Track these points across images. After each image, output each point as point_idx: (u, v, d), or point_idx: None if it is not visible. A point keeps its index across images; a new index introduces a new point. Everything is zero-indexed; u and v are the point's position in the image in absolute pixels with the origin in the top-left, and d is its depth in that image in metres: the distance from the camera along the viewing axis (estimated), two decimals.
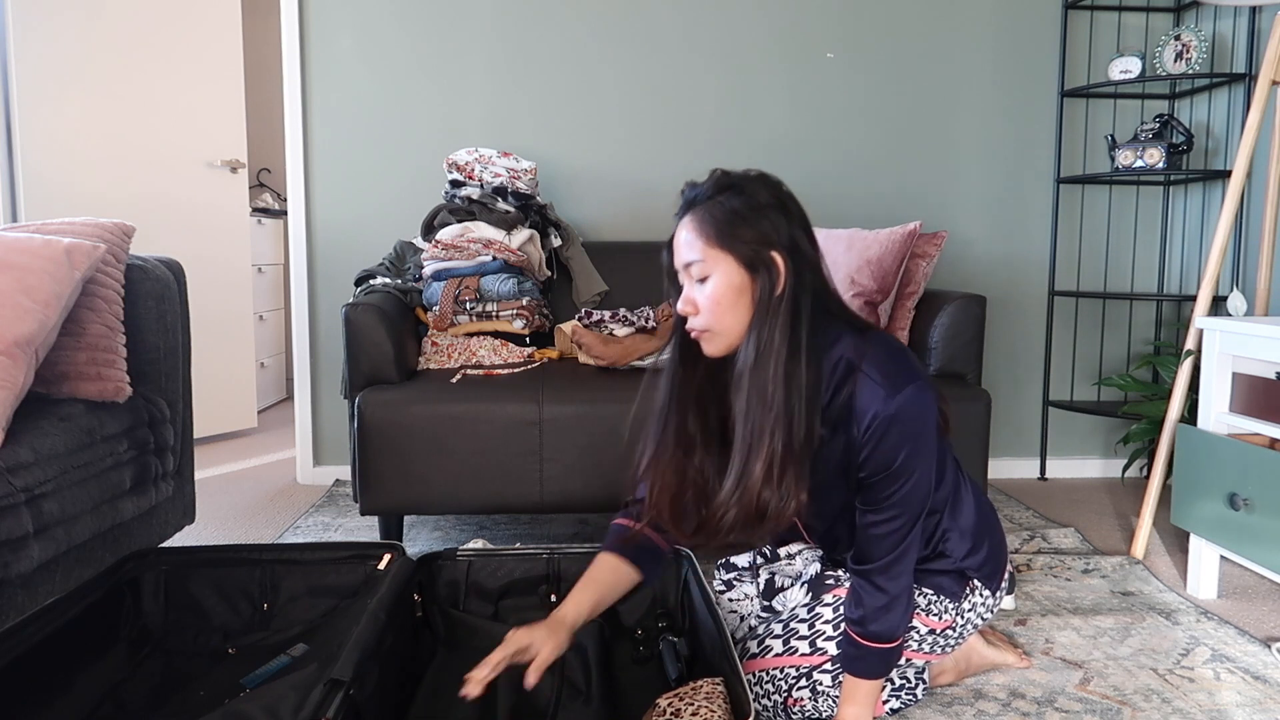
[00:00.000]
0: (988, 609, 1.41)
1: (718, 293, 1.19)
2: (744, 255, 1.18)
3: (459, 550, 1.58)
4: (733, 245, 1.18)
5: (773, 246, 1.19)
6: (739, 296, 1.19)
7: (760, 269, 1.18)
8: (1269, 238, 2.26)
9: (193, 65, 3.32)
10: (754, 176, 1.23)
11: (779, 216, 1.20)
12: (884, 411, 1.16)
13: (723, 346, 1.23)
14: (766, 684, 1.33)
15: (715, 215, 1.19)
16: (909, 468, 1.19)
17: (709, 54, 2.83)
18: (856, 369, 1.19)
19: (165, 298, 1.83)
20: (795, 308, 1.19)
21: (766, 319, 1.18)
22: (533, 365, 2.26)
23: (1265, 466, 1.67)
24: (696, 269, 1.20)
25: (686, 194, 1.24)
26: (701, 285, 1.21)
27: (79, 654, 1.30)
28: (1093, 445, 3.04)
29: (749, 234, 1.18)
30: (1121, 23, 2.89)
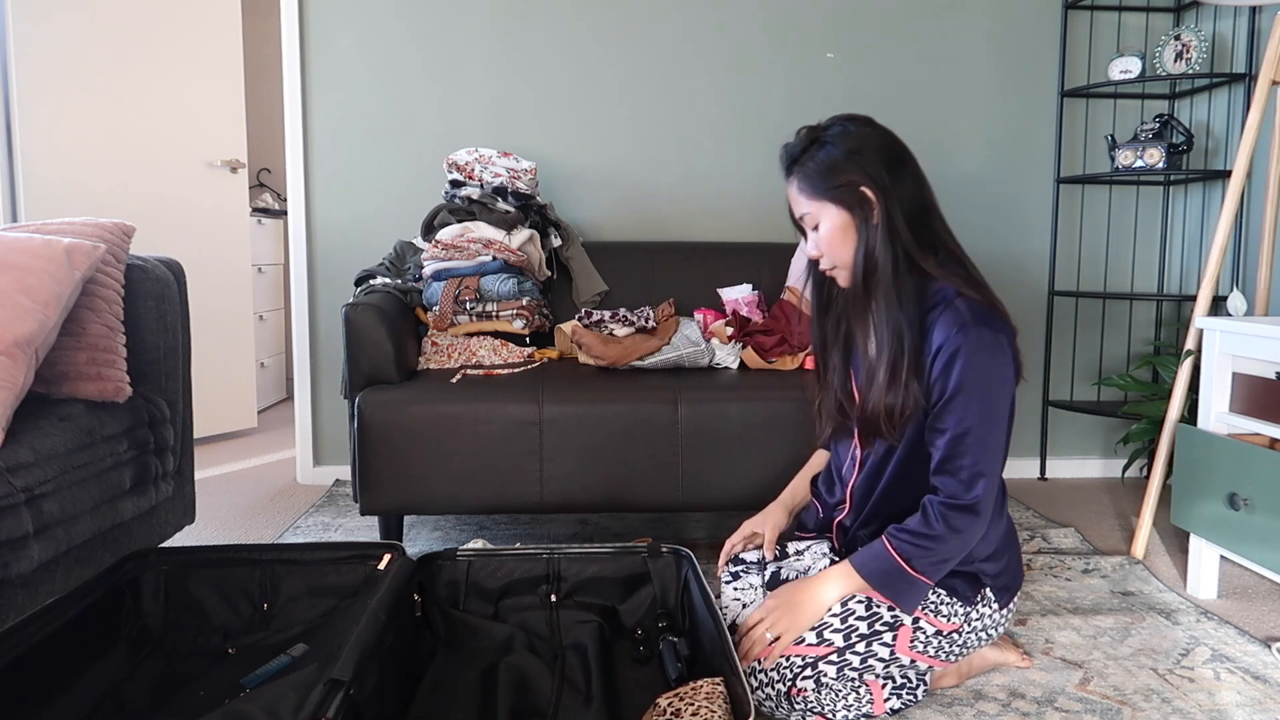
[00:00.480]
0: (995, 626, 1.43)
1: (828, 234, 1.37)
2: (839, 198, 1.35)
3: (459, 550, 1.58)
4: (827, 192, 1.35)
5: (861, 184, 1.33)
6: (846, 233, 1.36)
7: (854, 205, 1.34)
8: (1269, 238, 2.26)
9: (193, 65, 3.32)
10: (834, 123, 1.38)
11: (860, 156, 1.34)
12: (951, 341, 1.29)
13: (846, 279, 1.40)
14: (771, 673, 1.33)
15: (808, 171, 1.36)
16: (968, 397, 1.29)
17: (709, 54, 2.83)
18: (949, 301, 1.32)
19: (165, 298, 1.83)
20: (891, 227, 1.34)
21: (869, 242, 1.34)
22: (533, 365, 2.26)
23: (1265, 466, 1.67)
24: (808, 219, 1.39)
25: (785, 154, 1.40)
26: (816, 232, 1.39)
27: (79, 654, 1.30)
28: (1093, 445, 3.04)
29: (838, 179, 1.34)
30: (1121, 23, 2.89)
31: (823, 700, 1.31)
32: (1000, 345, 1.30)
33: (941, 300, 1.34)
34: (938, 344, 1.31)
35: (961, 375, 1.28)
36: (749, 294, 2.54)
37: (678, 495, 1.99)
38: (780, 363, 2.25)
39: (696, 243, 2.76)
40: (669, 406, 1.98)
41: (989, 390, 1.30)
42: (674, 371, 2.18)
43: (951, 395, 1.30)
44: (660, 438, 1.97)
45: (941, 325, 1.31)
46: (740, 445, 1.97)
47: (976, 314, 1.30)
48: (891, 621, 1.36)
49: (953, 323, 1.30)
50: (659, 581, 1.58)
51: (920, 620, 1.37)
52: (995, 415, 1.31)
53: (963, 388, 1.29)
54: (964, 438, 1.30)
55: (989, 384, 1.30)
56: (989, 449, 1.31)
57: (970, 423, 1.30)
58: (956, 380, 1.29)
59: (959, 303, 1.32)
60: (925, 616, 1.37)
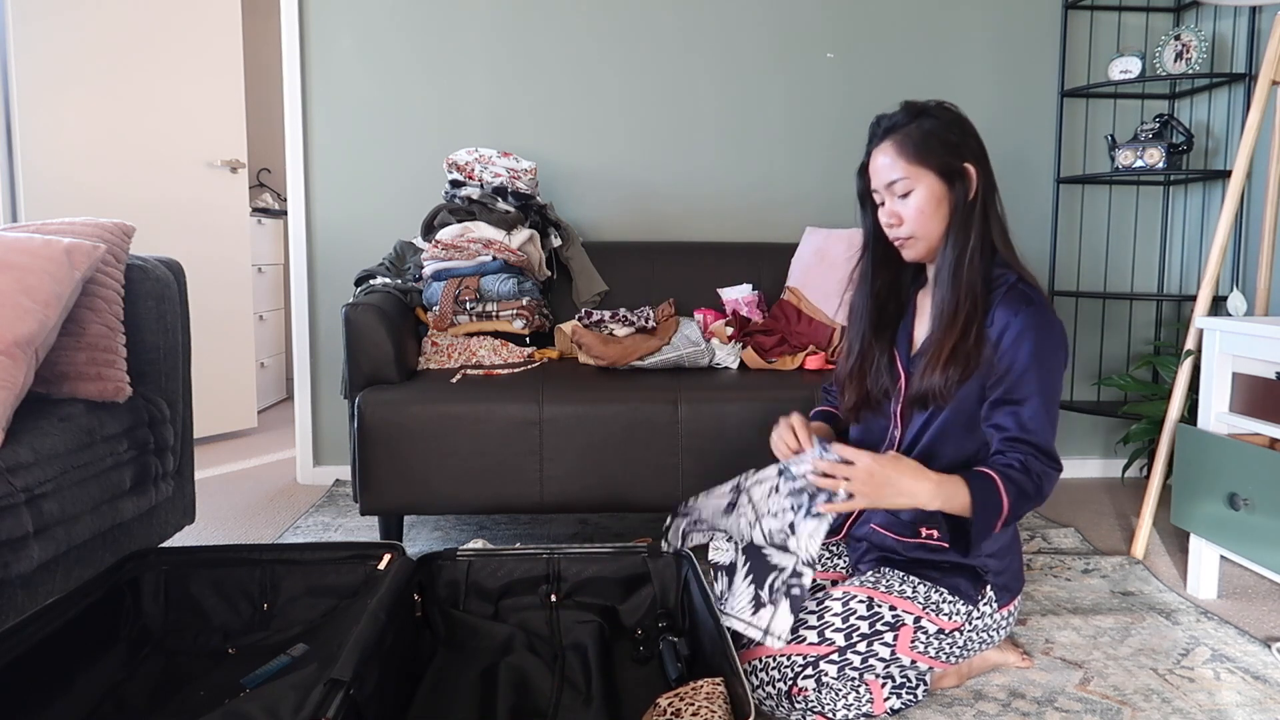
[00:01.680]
0: (996, 627, 1.44)
1: (921, 203, 1.38)
2: (941, 168, 1.37)
3: (459, 550, 1.58)
4: (930, 160, 1.37)
5: (963, 158, 1.38)
6: (939, 205, 1.38)
7: (955, 179, 1.38)
8: (1269, 238, 2.26)
9: (193, 65, 3.32)
10: (937, 104, 1.41)
11: (964, 133, 1.40)
12: (1022, 318, 1.32)
13: (923, 251, 1.41)
14: (772, 670, 1.33)
15: (914, 137, 1.37)
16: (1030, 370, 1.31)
17: (709, 54, 2.83)
18: (1014, 285, 1.36)
19: (165, 298, 1.83)
20: (986, 212, 1.39)
21: (966, 222, 1.38)
22: (533, 365, 2.26)
23: (1265, 466, 1.67)
24: (900, 185, 1.38)
25: (884, 124, 1.41)
26: (905, 200, 1.39)
27: (79, 654, 1.30)
28: (1093, 445, 3.04)
29: (943, 150, 1.37)
30: (1121, 23, 2.89)
31: (823, 700, 1.31)
32: (1062, 334, 1.36)
33: (1004, 283, 1.38)
34: (1004, 321, 1.34)
35: (1033, 351, 1.32)
36: (749, 294, 2.54)
37: (678, 495, 1.99)
38: (780, 363, 2.25)
39: (696, 243, 2.76)
40: (669, 406, 1.98)
41: (1054, 371, 1.34)
42: (674, 371, 2.18)
43: (1025, 369, 1.32)
44: (660, 438, 1.97)
45: (1006, 304, 1.35)
46: (740, 445, 1.97)
47: (1040, 301, 1.35)
48: (892, 621, 1.36)
49: (1020, 302, 1.34)
50: (659, 581, 1.58)
51: (922, 619, 1.37)
52: (1055, 396, 1.35)
53: (1035, 363, 1.32)
54: (1038, 411, 1.32)
55: (1054, 364, 1.34)
56: (1051, 426, 1.34)
57: (1042, 397, 1.32)
58: (1028, 356, 1.32)
59: (1021, 286, 1.36)
60: (927, 615, 1.37)
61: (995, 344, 1.35)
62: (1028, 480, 1.31)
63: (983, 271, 1.37)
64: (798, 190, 2.87)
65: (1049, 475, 1.33)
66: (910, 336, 1.49)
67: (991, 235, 1.39)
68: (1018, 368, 1.33)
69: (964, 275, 1.36)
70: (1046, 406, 1.33)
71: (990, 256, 1.39)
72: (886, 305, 1.51)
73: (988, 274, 1.38)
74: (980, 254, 1.37)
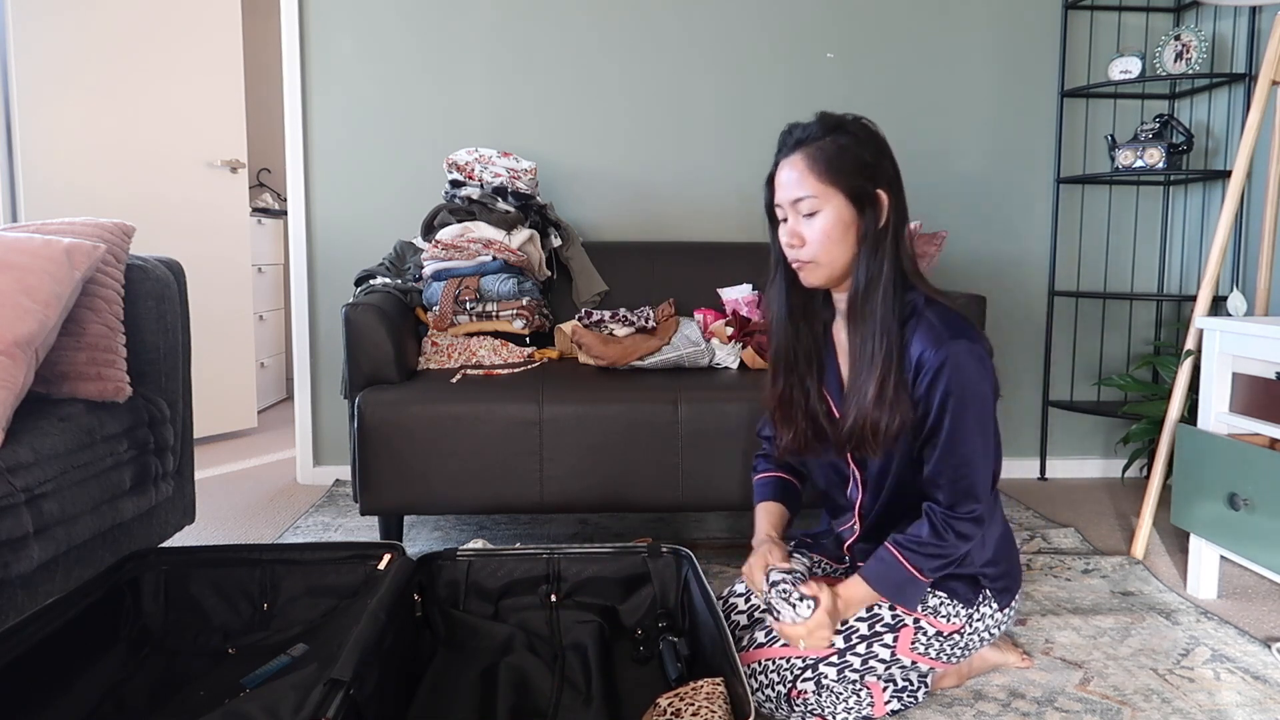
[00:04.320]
0: (996, 625, 1.43)
1: (827, 226, 1.29)
2: (852, 190, 1.28)
3: (459, 550, 1.58)
4: (841, 181, 1.28)
5: (877, 183, 1.29)
6: (846, 230, 1.29)
7: (866, 204, 1.28)
8: (1269, 238, 2.26)
9: (193, 65, 3.32)
10: (855, 119, 1.32)
11: (880, 155, 1.31)
12: (934, 356, 1.25)
13: (823, 277, 1.33)
14: (771, 673, 1.33)
15: (826, 153, 1.28)
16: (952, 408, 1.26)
17: (709, 54, 2.83)
18: (921, 313, 1.29)
19: (165, 298, 1.83)
20: (897, 239, 1.30)
21: (876, 250, 1.29)
22: (533, 365, 2.26)
23: (1265, 466, 1.67)
24: (806, 204, 1.29)
25: (795, 134, 1.32)
26: (810, 220, 1.30)
27: (79, 654, 1.30)
28: (1093, 445, 3.04)
29: (855, 171, 1.28)
30: (1121, 23, 2.89)
31: (823, 702, 1.31)
32: (980, 354, 1.27)
33: (913, 312, 1.30)
34: (918, 356, 1.27)
35: (949, 389, 1.25)
36: (749, 294, 2.53)
37: (678, 495, 1.99)
38: None
39: (696, 243, 2.76)
40: (669, 406, 1.98)
41: (977, 401, 1.27)
42: (674, 371, 2.18)
43: (942, 410, 1.27)
44: (660, 438, 1.97)
45: (920, 338, 1.27)
46: (740, 445, 1.97)
47: (952, 325, 1.27)
48: (892, 623, 1.35)
49: (931, 336, 1.26)
50: (659, 581, 1.58)
51: (921, 621, 1.37)
52: (985, 425, 1.29)
53: (952, 402, 1.26)
54: (958, 450, 1.27)
55: (976, 395, 1.27)
56: (983, 458, 1.29)
57: (963, 435, 1.27)
58: (944, 395, 1.26)
59: (930, 314, 1.28)
60: (926, 618, 1.37)
61: (914, 379, 1.29)
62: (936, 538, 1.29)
63: (896, 307, 1.29)
64: None
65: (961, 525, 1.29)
66: (838, 373, 1.42)
67: (903, 266, 1.31)
68: (935, 408, 1.27)
69: (878, 311, 1.28)
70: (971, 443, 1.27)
71: (903, 289, 1.30)
72: (800, 330, 1.42)
73: (900, 308, 1.30)
74: (893, 287, 1.29)
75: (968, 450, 1.28)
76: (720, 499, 2.01)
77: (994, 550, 1.41)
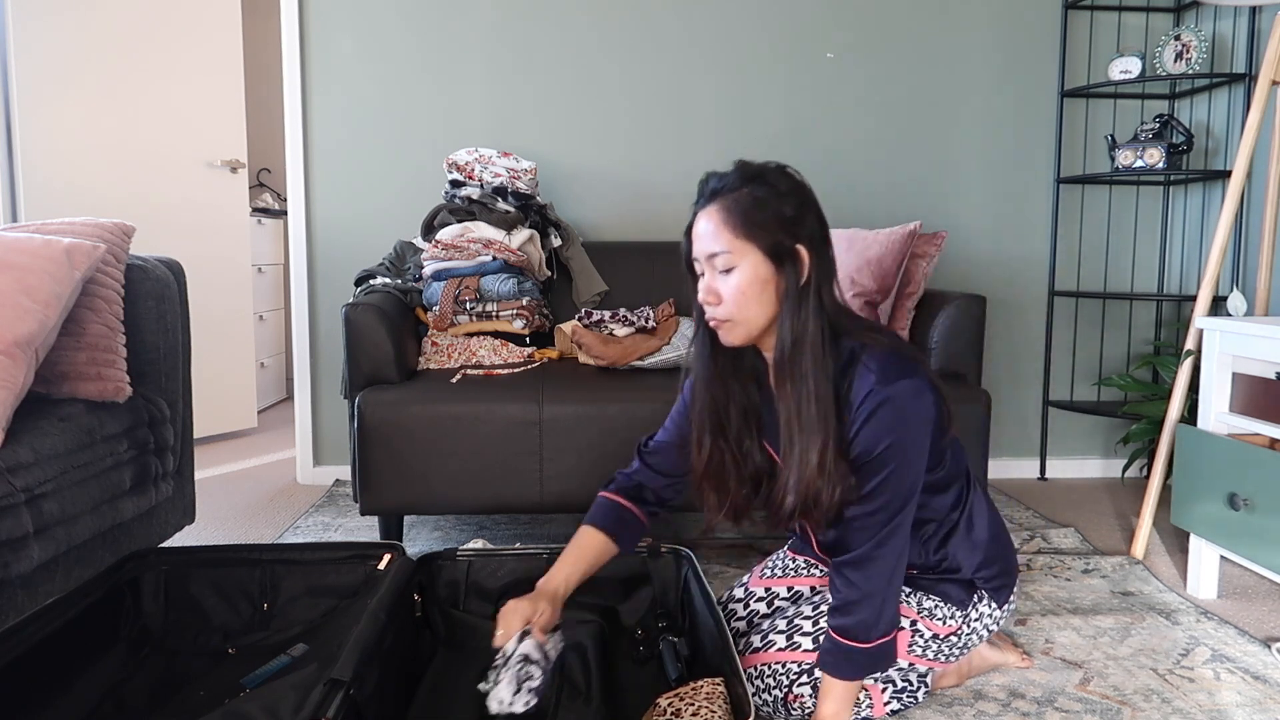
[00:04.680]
0: (994, 622, 1.43)
1: (744, 283, 1.20)
2: (769, 246, 1.19)
3: (459, 550, 1.58)
4: (758, 236, 1.19)
5: (797, 238, 1.20)
6: (764, 288, 1.20)
7: (785, 260, 1.20)
8: (1269, 238, 2.26)
9: (193, 65, 3.32)
10: (777, 168, 1.24)
11: (802, 208, 1.22)
12: (874, 397, 1.17)
13: (742, 336, 1.24)
14: (768, 678, 1.33)
15: (742, 205, 1.20)
16: (888, 458, 1.19)
17: (709, 54, 2.83)
18: (858, 359, 1.20)
19: (165, 298, 1.83)
20: (819, 297, 1.21)
21: (799, 308, 1.20)
22: (533, 365, 2.26)
23: (1265, 466, 1.67)
24: (721, 260, 1.21)
25: (711, 184, 1.24)
26: (726, 276, 1.21)
27: (79, 654, 1.30)
28: (1093, 445, 3.04)
29: (774, 225, 1.19)
30: (1121, 23, 2.89)
31: None
32: (921, 389, 1.19)
33: (851, 359, 1.21)
34: (859, 401, 1.19)
35: (889, 434, 1.18)
36: None
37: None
38: None
39: None
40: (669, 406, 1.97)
41: (918, 440, 1.20)
42: (674, 371, 2.17)
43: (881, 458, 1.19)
44: None
45: (860, 383, 1.19)
46: None
47: (888, 368, 1.18)
48: None
49: (872, 380, 1.18)
50: (659, 581, 1.58)
51: (918, 624, 1.37)
52: (915, 462, 1.21)
53: (892, 449, 1.18)
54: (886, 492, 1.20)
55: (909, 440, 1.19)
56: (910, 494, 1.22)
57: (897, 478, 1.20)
58: (885, 442, 1.18)
59: (868, 359, 1.19)
60: (923, 620, 1.37)
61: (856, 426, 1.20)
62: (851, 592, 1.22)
63: (827, 365, 1.20)
64: None
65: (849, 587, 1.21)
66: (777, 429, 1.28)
67: (826, 324, 1.21)
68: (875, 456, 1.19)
69: (808, 372, 1.19)
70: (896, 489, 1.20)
71: (833, 343, 1.21)
72: (731, 389, 1.32)
73: (833, 364, 1.21)
74: (822, 345, 1.19)
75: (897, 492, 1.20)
76: None
77: (984, 553, 1.39)
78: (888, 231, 2.39)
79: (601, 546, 1.40)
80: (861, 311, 2.33)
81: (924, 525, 1.35)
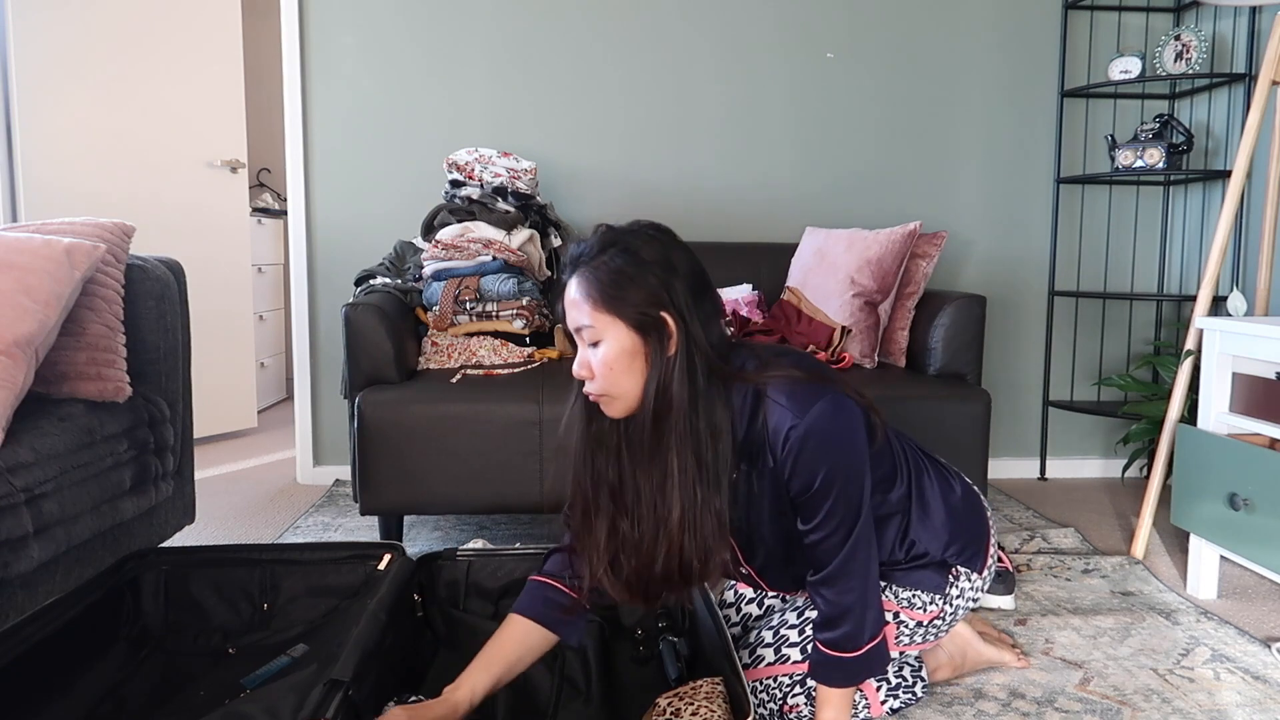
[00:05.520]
0: (975, 591, 1.40)
1: (610, 357, 1.15)
2: (632, 318, 1.14)
3: (459, 550, 1.58)
4: (620, 309, 1.14)
5: (661, 306, 1.14)
6: (632, 359, 1.15)
7: (650, 330, 1.15)
8: (1269, 238, 2.26)
9: (193, 65, 3.32)
10: (640, 230, 1.19)
11: (664, 273, 1.15)
12: (796, 432, 1.15)
13: (621, 409, 1.19)
14: (761, 693, 1.33)
15: (600, 277, 1.15)
16: (831, 482, 1.17)
17: (710, 54, 2.83)
18: (763, 396, 1.17)
19: (165, 298, 1.83)
20: (690, 363, 1.15)
21: (660, 378, 1.15)
22: (533, 365, 2.26)
23: (1265, 466, 1.67)
24: (587, 334, 1.16)
25: (571, 251, 1.20)
26: (595, 349, 1.16)
27: (79, 654, 1.30)
28: (1093, 445, 3.04)
29: (636, 295, 1.14)
30: (1121, 23, 2.89)
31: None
32: (837, 405, 1.17)
33: (754, 399, 1.18)
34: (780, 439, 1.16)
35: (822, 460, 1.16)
36: (749, 294, 2.54)
37: None
38: None
39: (696, 243, 2.75)
40: None
41: (854, 456, 1.19)
42: None
43: (825, 483, 1.17)
44: None
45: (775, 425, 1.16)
46: None
47: (797, 397, 1.16)
48: None
49: (787, 415, 1.15)
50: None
51: (901, 615, 1.36)
52: (857, 475, 1.19)
53: (828, 471, 1.16)
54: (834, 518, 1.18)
55: (845, 460, 1.18)
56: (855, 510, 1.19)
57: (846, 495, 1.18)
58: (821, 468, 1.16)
59: (774, 394, 1.17)
60: (905, 611, 1.36)
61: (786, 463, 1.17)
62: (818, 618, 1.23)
63: (698, 428, 1.15)
64: (798, 190, 2.87)
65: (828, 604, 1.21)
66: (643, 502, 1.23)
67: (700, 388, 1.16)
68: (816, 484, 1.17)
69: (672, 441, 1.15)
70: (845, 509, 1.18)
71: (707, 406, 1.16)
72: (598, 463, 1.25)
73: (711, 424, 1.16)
74: (689, 412, 1.15)
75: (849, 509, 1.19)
76: None
77: (947, 531, 1.35)
78: (888, 231, 2.39)
79: (529, 639, 1.27)
80: (862, 311, 2.33)
81: (887, 521, 1.33)
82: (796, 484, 1.18)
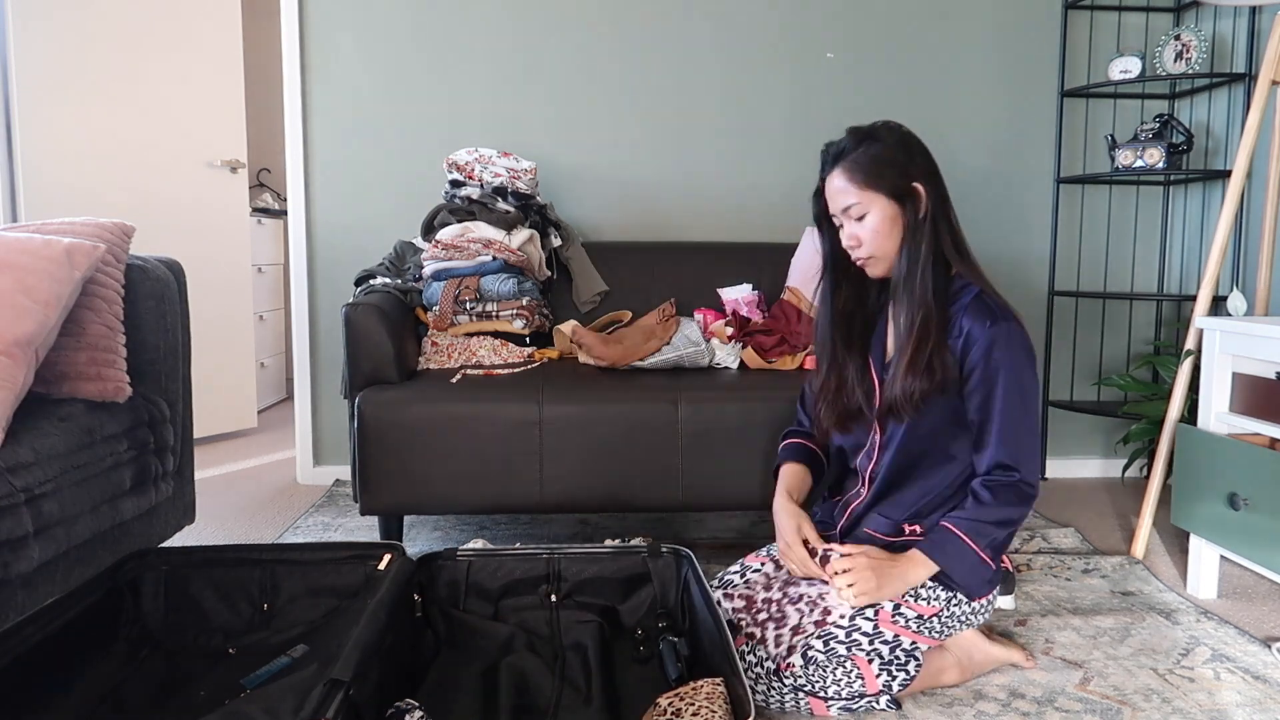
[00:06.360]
0: (973, 613, 1.46)
1: (876, 224, 1.44)
2: (891, 190, 1.43)
3: (459, 550, 1.58)
4: (879, 184, 1.43)
5: (912, 178, 1.43)
6: (893, 225, 1.44)
7: (906, 198, 1.43)
8: (1269, 238, 2.26)
9: (192, 65, 3.32)
10: (883, 125, 1.47)
11: (911, 153, 1.45)
12: (984, 331, 1.38)
13: (884, 268, 1.48)
14: (759, 651, 1.35)
15: (861, 163, 1.43)
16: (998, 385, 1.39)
17: (710, 54, 2.83)
18: (967, 291, 1.43)
19: (165, 298, 1.83)
20: (936, 226, 1.43)
21: (915, 237, 1.43)
22: (533, 365, 2.26)
23: (1265, 466, 1.67)
24: (855, 209, 1.44)
25: (832, 150, 1.48)
26: (860, 222, 1.45)
27: (79, 654, 1.31)
28: (1093, 445, 3.04)
29: (891, 172, 1.42)
30: (1121, 23, 2.89)
31: (811, 677, 1.33)
32: (1028, 343, 1.41)
33: (967, 293, 1.43)
34: (967, 331, 1.40)
35: (1000, 364, 1.38)
36: (749, 294, 2.53)
37: (678, 495, 1.99)
38: (780, 363, 2.25)
39: (696, 243, 2.76)
40: (669, 406, 1.98)
41: (1024, 380, 1.40)
42: (674, 371, 2.18)
43: (994, 383, 1.39)
44: (660, 438, 1.97)
45: (970, 316, 1.40)
46: (740, 445, 1.97)
47: (1000, 309, 1.41)
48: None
49: (984, 315, 1.39)
50: (659, 581, 1.58)
51: (901, 606, 1.40)
52: (1032, 404, 1.41)
53: (1003, 376, 1.38)
54: (1010, 423, 1.39)
55: (1024, 374, 1.39)
56: (1030, 433, 1.41)
57: (1013, 409, 1.39)
58: (996, 368, 1.38)
59: (984, 298, 1.42)
60: (905, 602, 1.40)
61: (961, 356, 1.41)
62: (990, 507, 1.39)
63: (935, 284, 1.42)
64: (798, 190, 2.87)
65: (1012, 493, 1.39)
66: (884, 346, 1.55)
67: (943, 249, 1.44)
68: (983, 381, 1.40)
69: (916, 289, 1.42)
70: (1018, 424, 1.40)
71: (943, 268, 1.44)
72: (853, 320, 1.56)
73: (941, 286, 1.43)
74: (932, 266, 1.42)
75: (1016, 423, 1.39)
76: (720, 499, 2.01)
77: None
78: None
79: (802, 476, 1.64)
80: None
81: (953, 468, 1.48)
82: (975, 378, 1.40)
